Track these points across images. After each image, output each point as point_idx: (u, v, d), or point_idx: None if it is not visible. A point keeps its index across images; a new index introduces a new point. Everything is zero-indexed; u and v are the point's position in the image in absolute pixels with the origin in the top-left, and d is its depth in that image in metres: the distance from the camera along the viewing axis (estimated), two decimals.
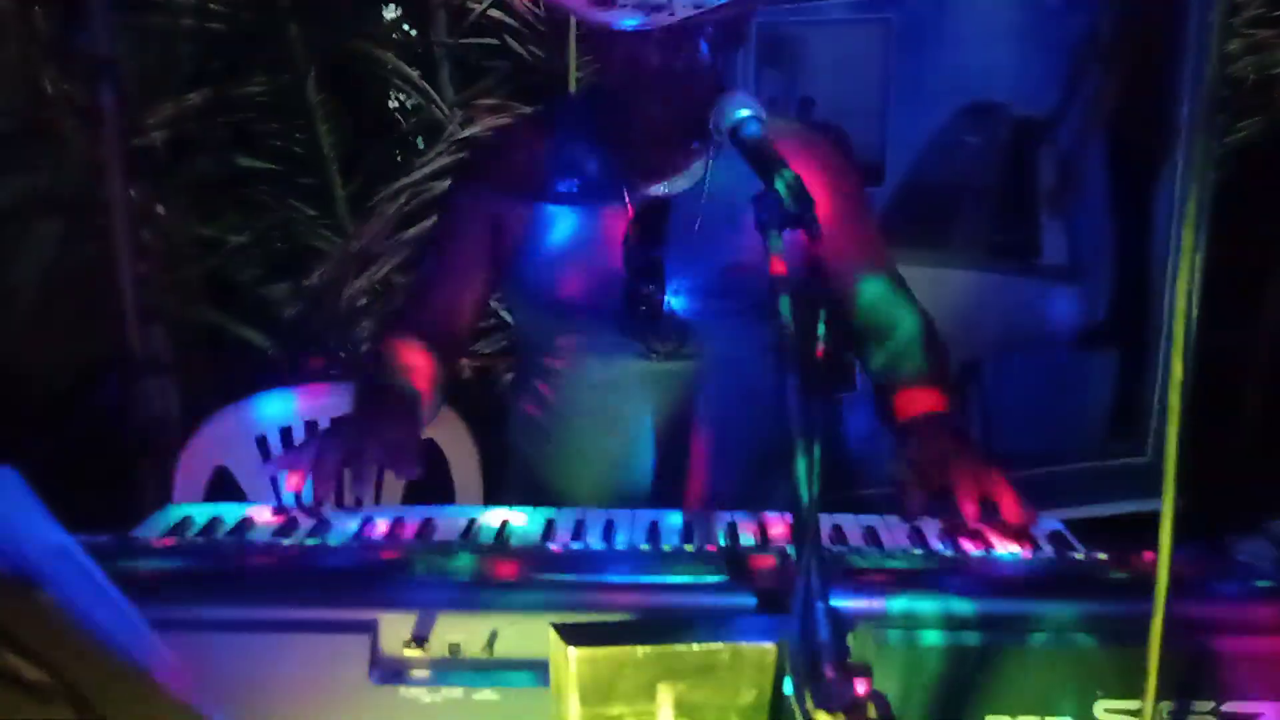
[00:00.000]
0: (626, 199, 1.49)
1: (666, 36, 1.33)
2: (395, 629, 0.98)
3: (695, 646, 0.81)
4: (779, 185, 1.04)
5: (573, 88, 2.97)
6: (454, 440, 2.06)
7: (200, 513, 1.28)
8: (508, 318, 1.69)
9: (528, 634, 0.97)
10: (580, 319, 1.50)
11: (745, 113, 1.19)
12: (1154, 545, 0.79)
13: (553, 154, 1.53)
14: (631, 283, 1.47)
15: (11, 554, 0.48)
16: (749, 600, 1.01)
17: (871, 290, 1.56)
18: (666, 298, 1.47)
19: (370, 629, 0.97)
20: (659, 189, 1.50)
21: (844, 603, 0.97)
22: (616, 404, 1.52)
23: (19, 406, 3.08)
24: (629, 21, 1.28)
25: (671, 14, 1.28)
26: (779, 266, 0.98)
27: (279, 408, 2.11)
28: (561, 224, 1.49)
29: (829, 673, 0.77)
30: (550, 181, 1.51)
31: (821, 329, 0.94)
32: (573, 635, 0.80)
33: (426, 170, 3.07)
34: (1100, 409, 2.76)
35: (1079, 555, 1.19)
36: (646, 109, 1.40)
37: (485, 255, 1.55)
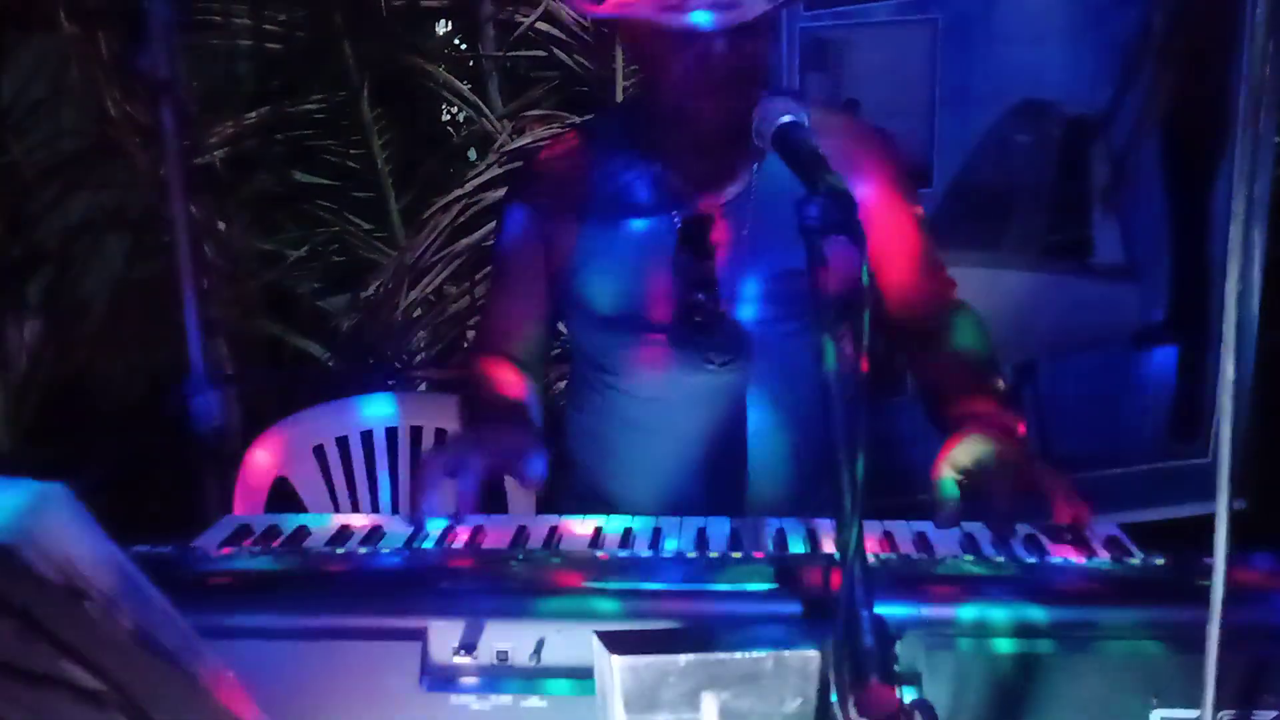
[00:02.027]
0: (675, 209, 1.47)
1: (732, 36, 1.30)
2: (445, 636, 0.99)
3: (739, 654, 0.80)
4: (822, 190, 1.03)
5: (619, 97, 2.99)
6: None
7: (258, 523, 1.31)
8: (560, 327, 1.67)
9: (575, 642, 0.98)
10: (635, 332, 1.49)
11: (787, 117, 1.17)
12: (1213, 549, 0.77)
13: (598, 168, 1.51)
14: (684, 293, 1.45)
15: (64, 566, 0.50)
16: (796, 608, 1.00)
17: (915, 284, 1.52)
18: (720, 307, 1.45)
19: (420, 636, 0.99)
20: (708, 197, 1.48)
21: (894, 610, 0.96)
22: (673, 415, 1.51)
23: (87, 418, 3.17)
24: (702, 20, 1.25)
25: (744, 11, 1.26)
26: (822, 273, 0.97)
27: (337, 418, 2.15)
28: (611, 237, 1.48)
29: (874, 681, 0.77)
30: (596, 196, 1.50)
31: (866, 337, 0.93)
32: (616, 643, 0.81)
33: (478, 181, 3.11)
34: (1160, 410, 2.70)
35: (1135, 560, 1.16)
36: (705, 114, 1.36)
37: (544, 275, 1.53)
